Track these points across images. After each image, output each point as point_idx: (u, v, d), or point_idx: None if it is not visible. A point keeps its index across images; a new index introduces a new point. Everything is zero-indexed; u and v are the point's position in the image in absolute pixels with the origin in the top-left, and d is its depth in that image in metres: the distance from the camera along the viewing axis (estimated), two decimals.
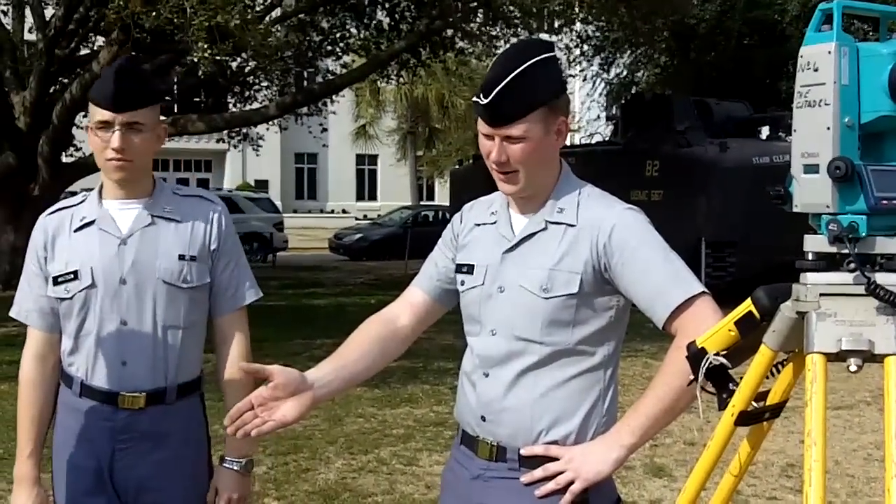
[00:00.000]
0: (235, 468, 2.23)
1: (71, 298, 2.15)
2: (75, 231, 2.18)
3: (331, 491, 4.68)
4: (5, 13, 11.25)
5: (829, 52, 1.35)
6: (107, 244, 2.15)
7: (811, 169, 1.37)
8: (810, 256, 1.38)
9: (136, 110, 2.10)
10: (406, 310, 2.00)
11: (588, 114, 22.15)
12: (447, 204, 20.88)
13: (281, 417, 1.75)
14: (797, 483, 4.79)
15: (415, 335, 2.02)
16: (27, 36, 11.40)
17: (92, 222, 2.18)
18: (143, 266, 2.14)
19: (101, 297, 2.14)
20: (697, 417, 1.75)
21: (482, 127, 1.79)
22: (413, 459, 5.22)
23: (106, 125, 2.10)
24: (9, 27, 11.04)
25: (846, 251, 1.34)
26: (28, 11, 11.10)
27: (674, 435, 5.49)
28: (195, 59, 8.98)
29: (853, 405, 6.54)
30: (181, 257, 2.17)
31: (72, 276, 2.15)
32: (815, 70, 1.37)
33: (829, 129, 1.34)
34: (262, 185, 34.88)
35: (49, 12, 11.17)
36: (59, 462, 2.22)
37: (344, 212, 37.66)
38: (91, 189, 2.28)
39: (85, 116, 2.71)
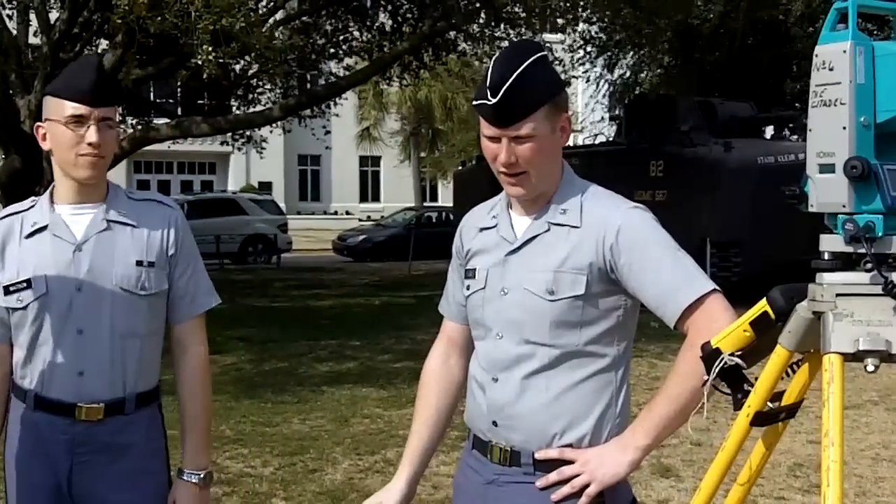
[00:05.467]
0: (194, 481, 2.17)
1: (24, 308, 2.06)
2: (26, 237, 2.10)
3: (338, 491, 4.69)
4: (10, 17, 11.26)
5: (845, 52, 1.35)
6: (60, 251, 2.07)
7: (827, 168, 1.36)
8: (826, 256, 1.38)
9: (110, 106, 2.06)
10: (449, 346, 2.03)
11: (592, 115, 22.12)
12: (451, 205, 20.89)
13: None
14: (805, 483, 4.78)
15: (467, 363, 2.01)
16: (32, 40, 11.41)
17: (44, 228, 2.09)
18: (100, 273, 2.06)
19: (56, 305, 2.05)
20: (704, 418, 1.75)
21: (487, 129, 1.76)
22: None
23: (80, 120, 2.02)
24: (14, 31, 11.05)
25: (863, 251, 1.33)
26: (33, 15, 11.10)
27: (680, 435, 5.48)
28: (199, 63, 8.98)
29: (860, 405, 6.53)
30: (139, 263, 2.09)
31: (24, 284, 2.06)
32: (831, 69, 1.36)
33: (844, 128, 1.34)
34: (265, 187, 34.86)
35: (53, 16, 11.18)
36: (14, 479, 2.13)
37: (347, 213, 37.67)
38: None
39: None
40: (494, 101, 1.71)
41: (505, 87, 1.70)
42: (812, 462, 5.08)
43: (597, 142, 19.75)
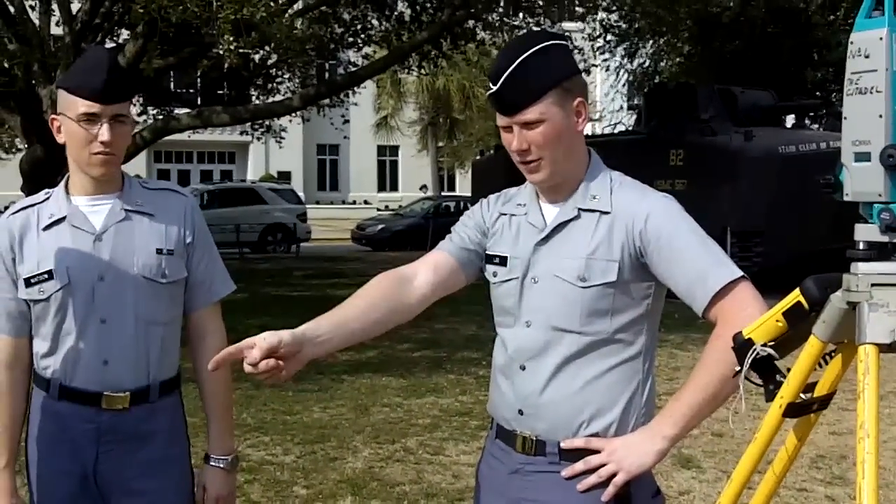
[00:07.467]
0: (222, 466, 2.20)
1: (47, 300, 2.07)
2: (44, 229, 2.10)
3: (359, 480, 4.71)
4: (33, 7, 11.31)
5: (881, 39, 1.33)
6: (81, 241, 2.08)
7: (863, 157, 1.35)
8: (861, 246, 1.36)
9: (121, 102, 2.05)
10: (427, 268, 1.90)
11: (611, 104, 22.00)
12: (469, 194, 20.86)
13: (272, 381, 1.71)
14: (827, 475, 4.76)
15: (433, 296, 1.89)
16: (54, 30, 11.47)
17: (62, 219, 2.10)
18: (121, 262, 2.08)
19: (80, 295, 2.06)
20: (725, 409, 1.74)
21: (499, 119, 1.78)
22: (440, 449, 5.23)
23: (93, 118, 2.01)
24: (36, 21, 11.11)
25: None
26: (55, 5, 11.16)
27: (701, 426, 5.45)
28: (221, 52, 9.00)
29: (883, 396, 6.46)
30: (159, 251, 2.11)
31: (46, 276, 2.06)
32: (867, 57, 1.34)
33: (881, 116, 1.32)
34: (284, 176, 34.99)
35: (75, 6, 11.23)
36: (39, 469, 2.14)
37: (366, 203, 37.76)
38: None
39: None
40: (495, 89, 1.74)
41: (504, 76, 1.72)
42: (834, 454, 5.05)
43: (616, 131, 19.65)
